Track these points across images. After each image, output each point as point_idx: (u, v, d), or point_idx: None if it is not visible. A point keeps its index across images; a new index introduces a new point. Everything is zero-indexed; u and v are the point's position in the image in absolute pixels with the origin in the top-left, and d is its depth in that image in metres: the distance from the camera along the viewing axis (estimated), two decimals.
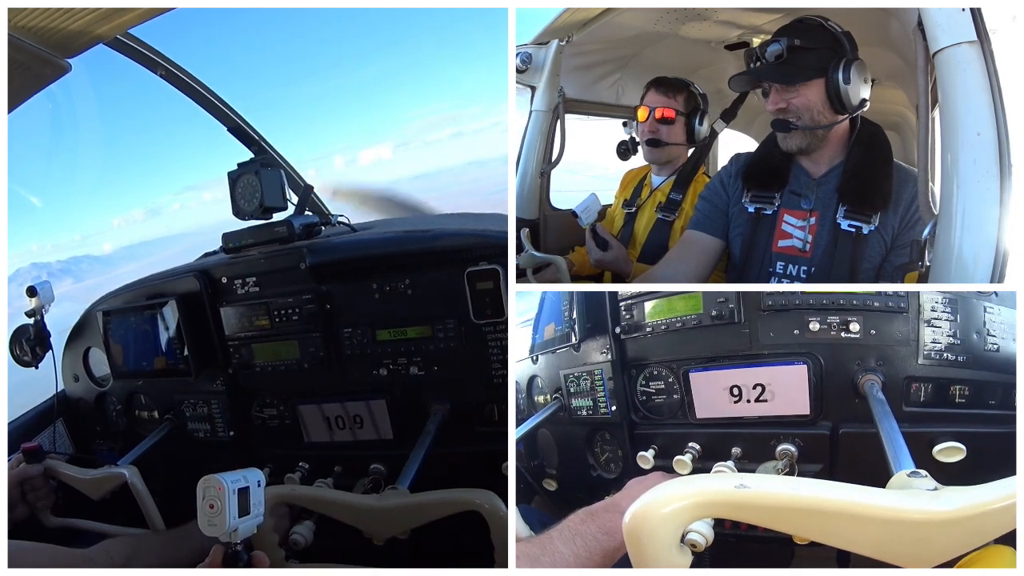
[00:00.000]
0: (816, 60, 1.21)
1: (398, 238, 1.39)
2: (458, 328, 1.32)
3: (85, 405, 1.80)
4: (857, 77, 1.20)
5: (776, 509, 0.57)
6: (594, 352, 1.35)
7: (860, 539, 0.55)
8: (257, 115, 1.80)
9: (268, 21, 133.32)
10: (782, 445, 1.08)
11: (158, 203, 20.51)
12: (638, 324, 1.27)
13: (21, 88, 1.05)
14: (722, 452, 1.14)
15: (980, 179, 0.90)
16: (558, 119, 1.90)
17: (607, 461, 1.43)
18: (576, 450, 1.47)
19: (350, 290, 1.41)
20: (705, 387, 1.16)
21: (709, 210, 1.43)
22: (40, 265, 3.06)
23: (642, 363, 1.27)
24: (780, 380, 1.08)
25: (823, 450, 1.06)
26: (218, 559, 0.91)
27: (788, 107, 1.23)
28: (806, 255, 1.29)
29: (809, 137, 1.25)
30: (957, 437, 0.95)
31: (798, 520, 0.57)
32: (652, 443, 1.25)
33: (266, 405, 1.55)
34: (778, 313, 1.09)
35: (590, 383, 1.37)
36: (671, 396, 1.24)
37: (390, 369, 1.39)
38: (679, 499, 0.60)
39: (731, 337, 1.13)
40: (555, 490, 1.62)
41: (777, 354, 1.09)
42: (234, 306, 1.52)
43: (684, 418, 1.21)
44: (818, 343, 1.06)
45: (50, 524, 1.43)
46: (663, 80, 1.71)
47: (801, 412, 1.07)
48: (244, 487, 0.92)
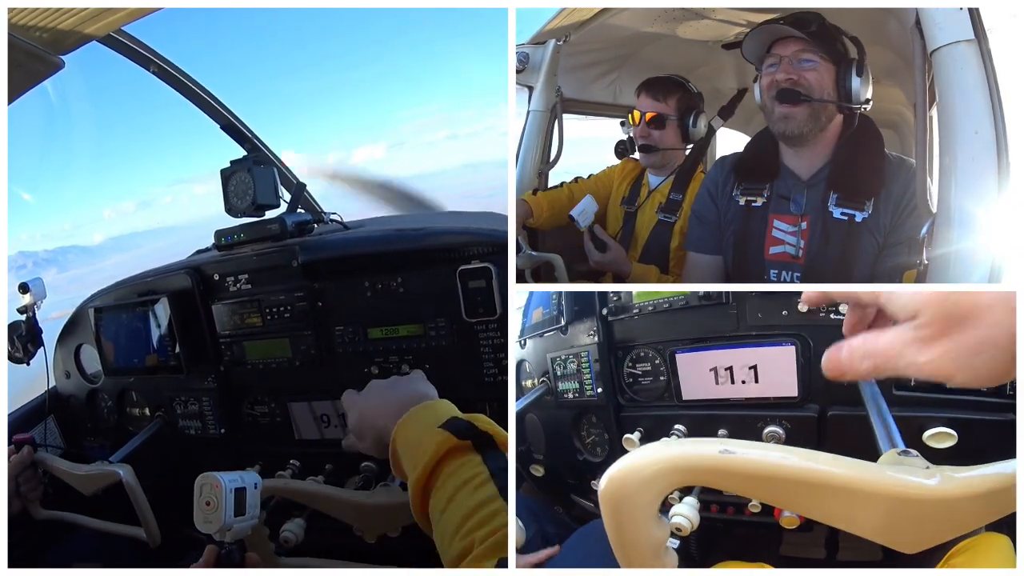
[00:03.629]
0: (838, 47, 1.20)
1: (390, 236, 1.38)
2: (450, 326, 1.31)
3: (76, 402, 1.80)
4: (868, 75, 1.20)
5: (762, 479, 0.52)
6: (581, 335, 1.34)
7: (851, 514, 0.51)
8: (251, 113, 1.80)
9: (265, 20, 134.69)
10: (769, 427, 1.07)
11: (150, 195, 20.71)
12: (625, 306, 1.25)
13: (14, 85, 1.04)
14: (708, 434, 1.13)
15: (978, 177, 0.89)
16: (556, 119, 1.89)
17: (593, 444, 1.41)
18: (562, 434, 1.46)
19: (342, 288, 1.40)
20: (691, 368, 1.15)
21: (702, 229, 1.41)
22: (27, 254, 3.06)
23: (629, 345, 1.26)
24: (768, 361, 1.07)
25: (811, 432, 1.04)
26: (211, 559, 0.91)
27: (799, 80, 1.20)
28: (799, 261, 1.26)
29: (811, 120, 1.21)
30: (948, 423, 0.93)
31: (786, 492, 0.52)
32: (638, 425, 1.24)
33: (257, 403, 1.55)
34: (766, 294, 1.08)
35: (576, 366, 1.36)
36: (657, 378, 1.23)
37: (382, 367, 1.37)
38: (658, 463, 0.55)
39: (719, 318, 1.12)
40: (542, 475, 1.61)
41: (765, 335, 1.08)
42: (226, 303, 1.52)
43: (670, 400, 1.19)
44: (807, 324, 1.04)
45: (39, 516, 1.43)
46: (653, 82, 1.69)
47: (789, 394, 1.06)
48: (241, 487, 0.93)
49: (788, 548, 1.20)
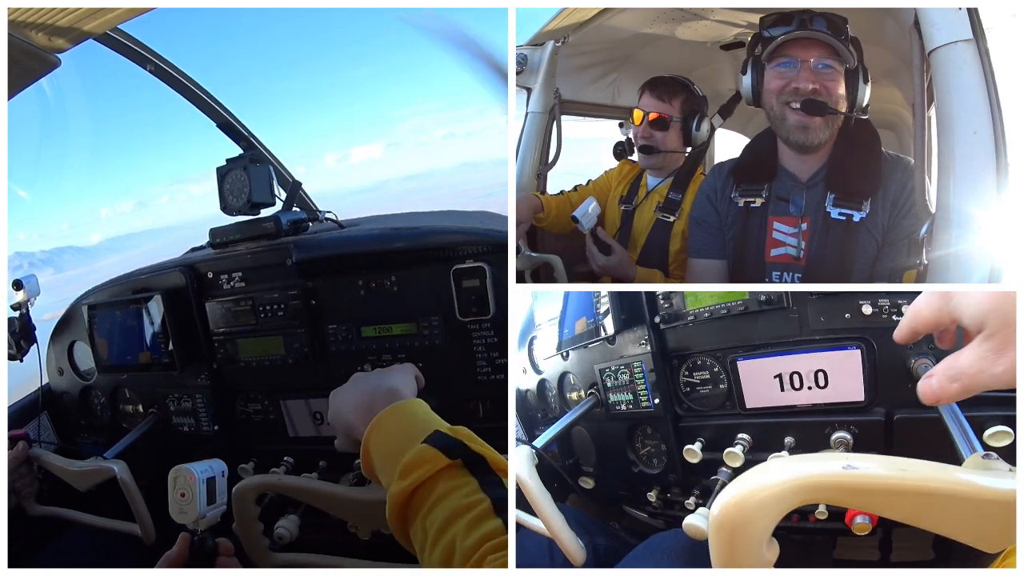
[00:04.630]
0: (849, 50, 1.18)
1: (385, 235, 1.38)
2: (443, 325, 1.30)
3: (70, 398, 1.79)
4: (869, 78, 1.18)
5: (884, 492, 0.52)
6: (631, 344, 1.31)
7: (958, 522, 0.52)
8: (247, 112, 1.80)
9: (263, 19, 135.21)
10: (837, 433, 1.03)
11: (147, 195, 20.77)
12: (678, 313, 1.21)
13: (10, 83, 1.04)
14: (774, 442, 1.09)
15: (977, 177, 0.88)
16: (554, 120, 1.89)
17: (649, 456, 1.38)
18: (615, 446, 1.42)
19: (336, 286, 1.39)
20: (754, 375, 1.11)
21: (703, 234, 1.40)
22: (23, 254, 3.06)
23: (684, 353, 1.23)
24: (833, 366, 1.03)
25: (878, 437, 1.01)
26: (185, 547, 0.92)
27: (820, 89, 1.16)
28: (800, 262, 1.25)
29: (826, 129, 1.19)
30: (1004, 421, 0.90)
31: (902, 503, 0.52)
32: (698, 435, 1.20)
33: (251, 400, 1.54)
34: (828, 297, 1.05)
35: (629, 376, 1.32)
36: (717, 386, 1.19)
37: (374, 365, 1.37)
38: (778, 484, 0.53)
39: (780, 323, 1.08)
40: (592, 488, 1.58)
41: (829, 339, 1.04)
42: (220, 301, 1.51)
43: (732, 408, 1.16)
44: (870, 327, 1.01)
45: (34, 512, 1.43)
46: (658, 81, 1.66)
47: (855, 398, 1.02)
48: (211, 477, 0.94)
49: (843, 551, 1.17)
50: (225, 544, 0.94)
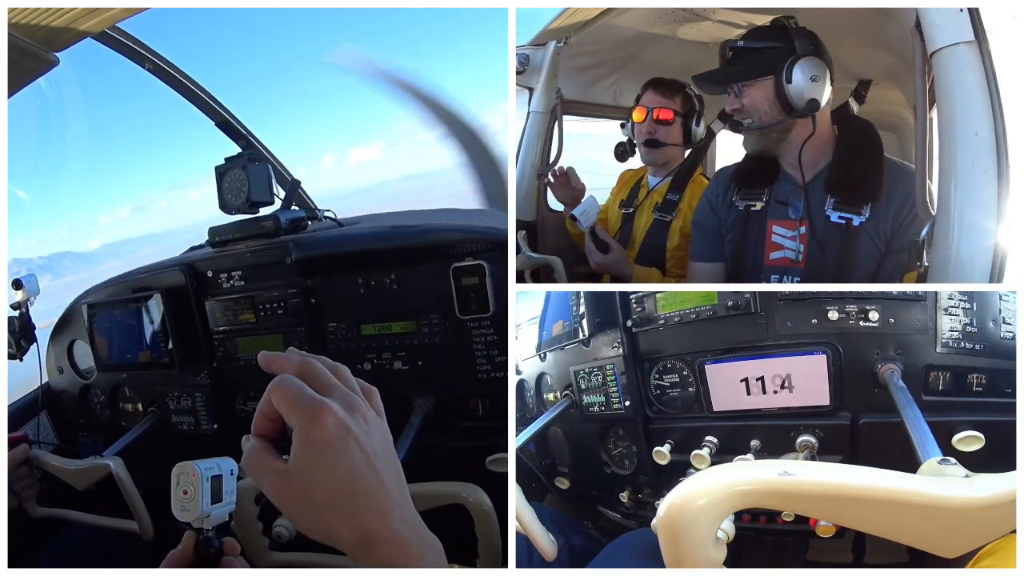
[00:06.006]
0: (765, 60, 1.21)
1: (384, 233, 1.38)
2: (443, 323, 1.30)
3: (69, 397, 1.79)
4: (802, 76, 1.18)
5: (820, 497, 0.54)
6: (604, 347, 1.32)
7: (902, 527, 0.54)
8: (246, 111, 1.79)
9: (261, 18, 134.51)
10: (802, 436, 1.05)
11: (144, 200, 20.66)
12: (650, 317, 1.23)
13: (9, 82, 1.04)
14: (740, 445, 1.11)
15: (978, 179, 0.88)
16: (556, 120, 1.89)
17: (620, 457, 1.39)
18: (588, 447, 1.44)
19: (335, 285, 1.39)
20: (721, 379, 1.13)
21: (704, 238, 1.41)
22: (21, 261, 3.05)
23: (655, 356, 1.24)
24: (799, 370, 1.05)
25: (843, 441, 1.03)
26: (190, 545, 0.90)
27: (741, 108, 1.24)
28: (799, 265, 1.26)
29: (763, 138, 1.24)
30: (975, 426, 0.92)
31: (841, 508, 0.54)
32: (668, 437, 1.22)
33: (250, 399, 1.54)
34: (796, 303, 1.06)
35: (601, 378, 1.34)
36: (686, 389, 1.21)
37: (374, 363, 1.37)
38: (718, 489, 0.56)
39: (748, 327, 1.10)
40: (568, 488, 1.59)
41: (795, 344, 1.06)
42: (219, 300, 1.51)
43: (700, 411, 1.18)
44: (837, 332, 1.03)
45: (36, 514, 1.43)
46: (660, 81, 1.70)
47: (821, 403, 1.04)
48: (217, 475, 0.92)
49: (815, 553, 1.19)
50: (231, 543, 0.93)
